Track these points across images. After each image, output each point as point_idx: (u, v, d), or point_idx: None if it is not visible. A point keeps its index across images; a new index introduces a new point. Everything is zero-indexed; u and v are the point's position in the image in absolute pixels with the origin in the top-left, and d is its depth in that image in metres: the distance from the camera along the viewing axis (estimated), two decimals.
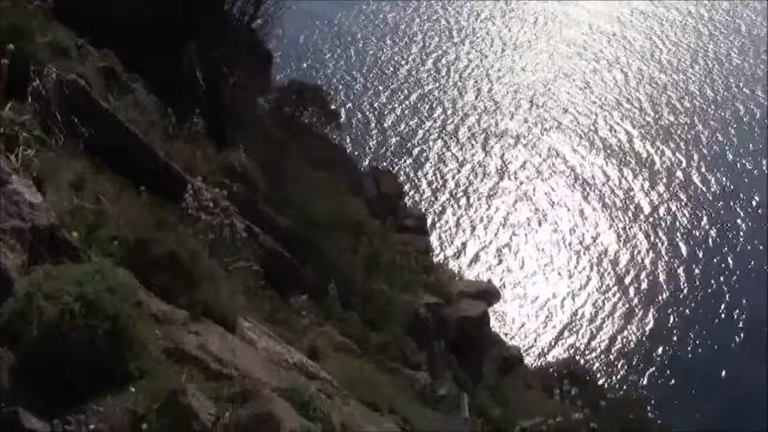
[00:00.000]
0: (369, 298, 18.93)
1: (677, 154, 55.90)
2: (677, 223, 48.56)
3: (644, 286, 42.37)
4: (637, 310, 40.66)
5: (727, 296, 42.23)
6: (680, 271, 43.92)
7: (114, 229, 7.94)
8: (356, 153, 48.03)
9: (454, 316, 24.17)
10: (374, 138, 51.97)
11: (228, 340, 6.97)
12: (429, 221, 43.15)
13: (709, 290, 42.69)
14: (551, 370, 31.79)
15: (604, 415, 16.15)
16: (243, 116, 23.15)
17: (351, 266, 19.26)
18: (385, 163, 48.19)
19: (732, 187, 52.82)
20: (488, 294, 28.65)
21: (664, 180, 53.02)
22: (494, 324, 34.59)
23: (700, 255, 45.53)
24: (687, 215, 49.60)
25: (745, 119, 60.18)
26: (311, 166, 23.30)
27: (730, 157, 55.98)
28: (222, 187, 14.65)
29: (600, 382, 34.07)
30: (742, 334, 39.53)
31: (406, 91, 58.36)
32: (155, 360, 5.72)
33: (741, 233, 48.18)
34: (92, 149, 10.41)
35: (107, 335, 5.32)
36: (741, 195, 52.08)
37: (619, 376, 36.47)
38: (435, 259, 37.56)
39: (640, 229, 47.33)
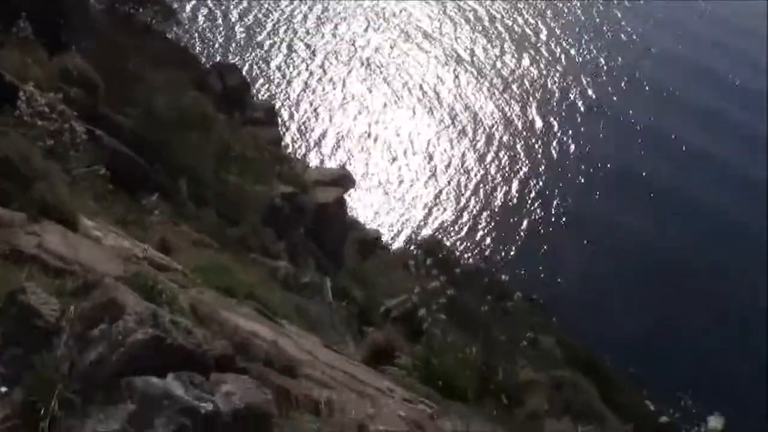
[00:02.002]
0: (222, 192, 18.79)
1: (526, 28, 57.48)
2: (531, 96, 50.07)
3: (504, 161, 43.55)
4: (498, 186, 41.81)
5: (580, 162, 44.02)
6: (536, 144, 45.36)
7: None
8: (203, 49, 47.01)
9: (311, 203, 24.28)
10: (221, 33, 50.74)
11: (69, 238, 6.82)
12: (286, 113, 42.97)
13: (566, 158, 44.34)
14: (411, 248, 32.51)
15: (460, 282, 16.78)
16: (75, 18, 22.13)
17: (201, 163, 18.99)
18: (235, 58, 47.36)
19: (577, 56, 54.79)
20: (343, 180, 28.79)
21: (515, 52, 54.47)
22: (353, 209, 35.05)
23: (556, 127, 47.10)
24: (539, 88, 51.20)
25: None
26: (151, 64, 22.58)
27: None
28: (58, 91, 14.11)
29: (459, 256, 35.20)
30: (597, 194, 41.34)
31: None
32: None
33: (588, 98, 50.15)
34: None
35: None
36: (588, 61, 54.18)
37: (479, 249, 37.64)
38: (289, 150, 37.56)
39: (496, 105, 48.45)
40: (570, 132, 46.77)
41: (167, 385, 4.48)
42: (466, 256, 36.37)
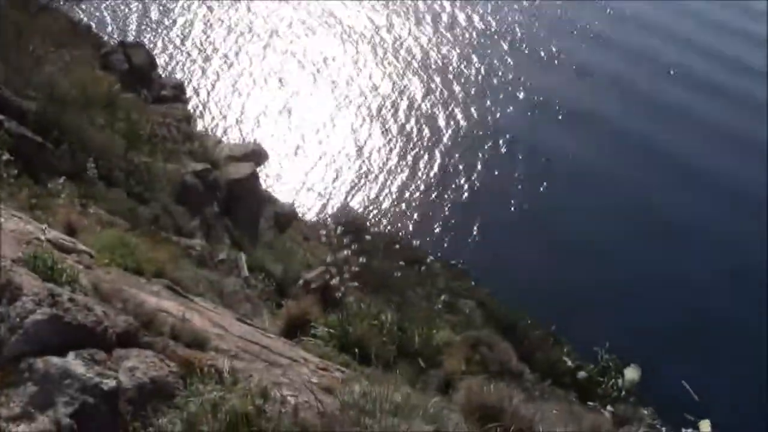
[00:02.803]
0: (132, 172, 18.51)
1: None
2: (448, 65, 50.22)
3: (426, 132, 43.68)
4: (420, 157, 41.91)
5: (504, 129, 44.42)
6: (457, 111, 45.59)
7: None
8: (115, 27, 46.15)
9: (223, 179, 24.09)
10: (134, 10, 49.72)
11: None
12: (203, 90, 42.44)
13: (489, 128, 44.66)
14: (328, 220, 32.58)
15: (374, 250, 16.93)
16: None
17: (109, 142, 18.66)
18: (150, 35, 46.58)
19: (495, 25, 55.26)
20: (256, 154, 28.58)
21: (431, 24, 54.51)
22: (272, 185, 34.92)
23: (473, 93, 47.41)
24: (456, 57, 51.35)
25: None
26: (53, 45, 22.07)
27: None
28: None
29: (384, 226, 35.39)
30: (521, 165, 41.75)
31: None
32: None
33: (508, 68, 50.62)
34: None
35: None
36: (505, 31, 54.67)
37: (404, 220, 37.74)
38: (209, 127, 37.22)
39: (415, 75, 48.60)
40: (488, 102, 47.05)
41: (67, 363, 4.48)
42: (388, 227, 36.42)
